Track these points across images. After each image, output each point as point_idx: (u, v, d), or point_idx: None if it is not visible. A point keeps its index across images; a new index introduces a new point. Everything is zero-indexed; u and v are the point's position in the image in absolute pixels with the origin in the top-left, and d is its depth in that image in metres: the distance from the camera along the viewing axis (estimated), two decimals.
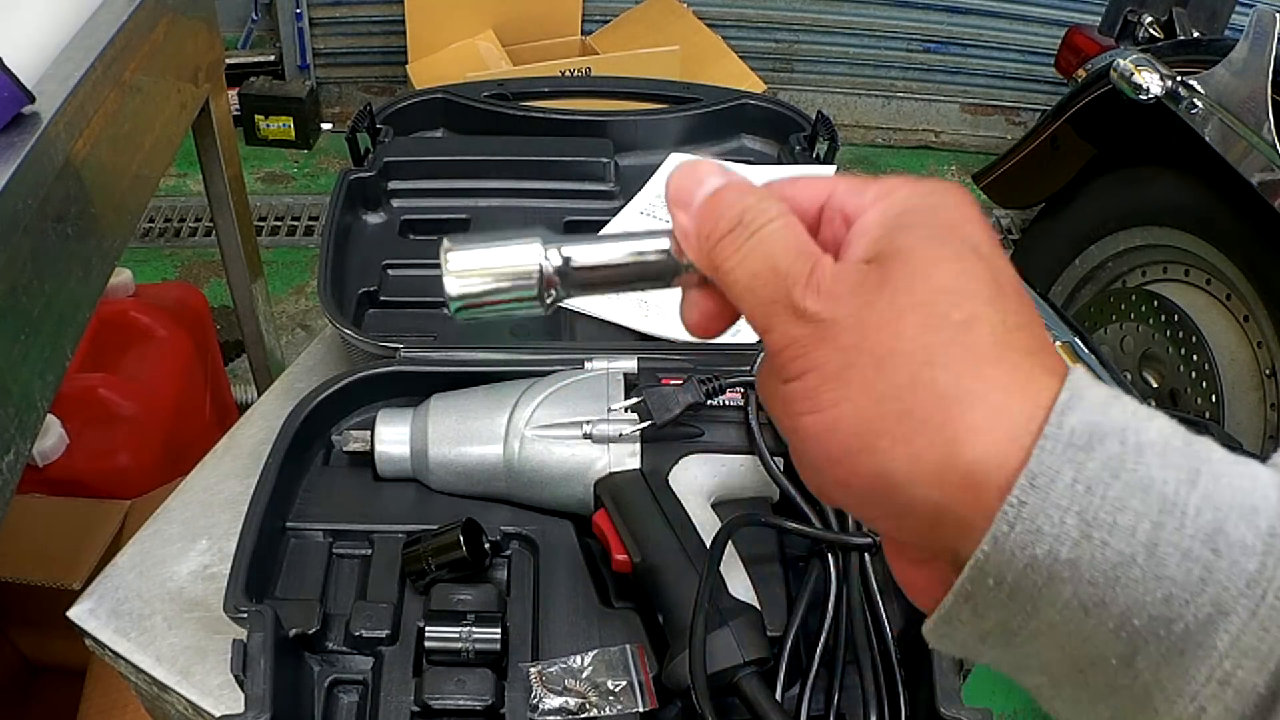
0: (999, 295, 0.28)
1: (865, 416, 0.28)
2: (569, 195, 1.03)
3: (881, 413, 0.27)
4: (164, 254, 2.50)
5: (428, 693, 0.60)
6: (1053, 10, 2.84)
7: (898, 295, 0.28)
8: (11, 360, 0.75)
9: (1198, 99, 1.38)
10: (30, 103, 0.77)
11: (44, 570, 1.18)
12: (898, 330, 0.28)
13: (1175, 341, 1.47)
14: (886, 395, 0.27)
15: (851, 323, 0.28)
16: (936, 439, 0.27)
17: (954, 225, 0.30)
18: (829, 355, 0.28)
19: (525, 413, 0.71)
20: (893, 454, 0.27)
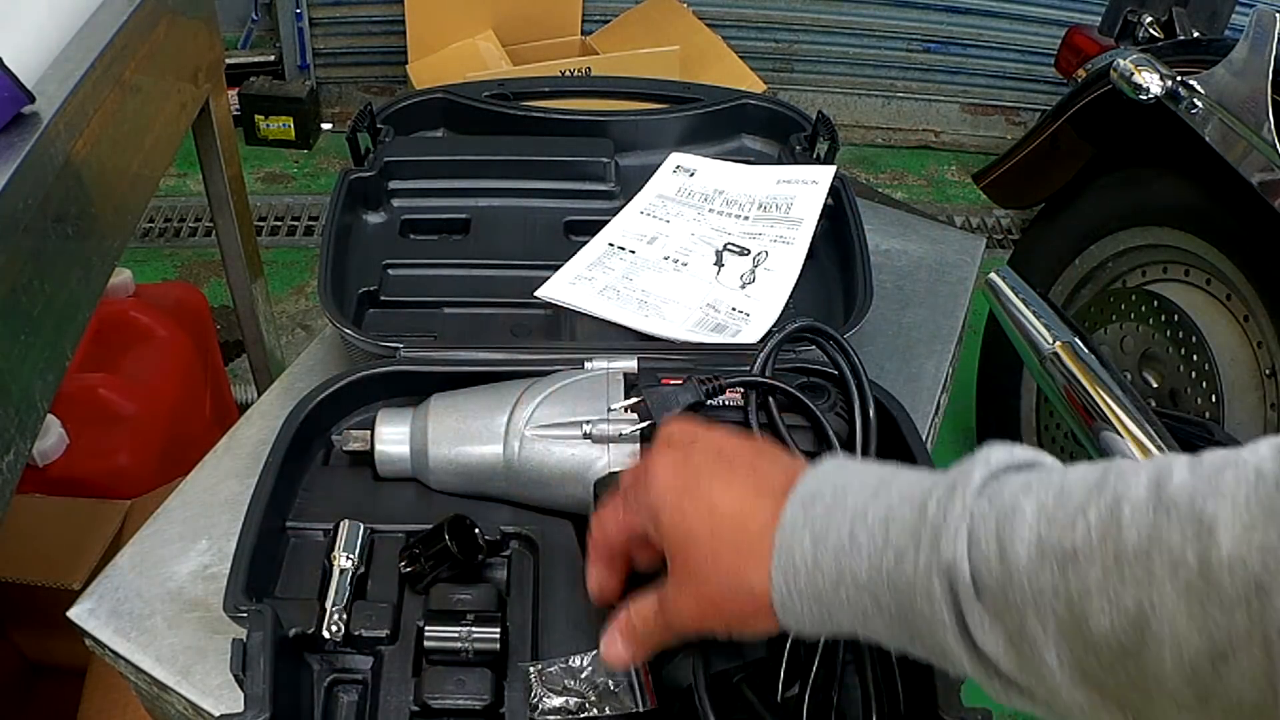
0: (715, 521, 0.49)
1: (710, 606, 0.50)
2: (569, 195, 1.03)
3: (711, 603, 0.49)
4: (164, 254, 2.50)
5: (427, 692, 0.60)
6: (1053, 10, 2.84)
7: (687, 578, 0.50)
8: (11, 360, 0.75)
9: (1198, 99, 1.38)
10: (30, 103, 0.77)
11: (44, 570, 1.18)
12: (689, 578, 0.50)
13: (1175, 341, 1.47)
14: (709, 600, 0.49)
15: (679, 589, 0.51)
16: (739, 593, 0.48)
17: (678, 497, 0.51)
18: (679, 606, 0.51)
19: (525, 412, 0.71)
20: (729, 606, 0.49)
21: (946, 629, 0.41)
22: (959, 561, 0.41)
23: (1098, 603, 0.37)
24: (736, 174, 1.04)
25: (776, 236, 0.95)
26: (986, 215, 2.85)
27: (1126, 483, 0.39)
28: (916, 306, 1.04)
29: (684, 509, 0.50)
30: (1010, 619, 0.40)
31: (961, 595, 0.41)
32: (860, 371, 0.72)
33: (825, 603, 0.45)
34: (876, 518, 0.44)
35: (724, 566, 0.47)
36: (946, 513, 0.42)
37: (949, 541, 0.41)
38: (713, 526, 0.48)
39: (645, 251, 0.96)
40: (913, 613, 0.42)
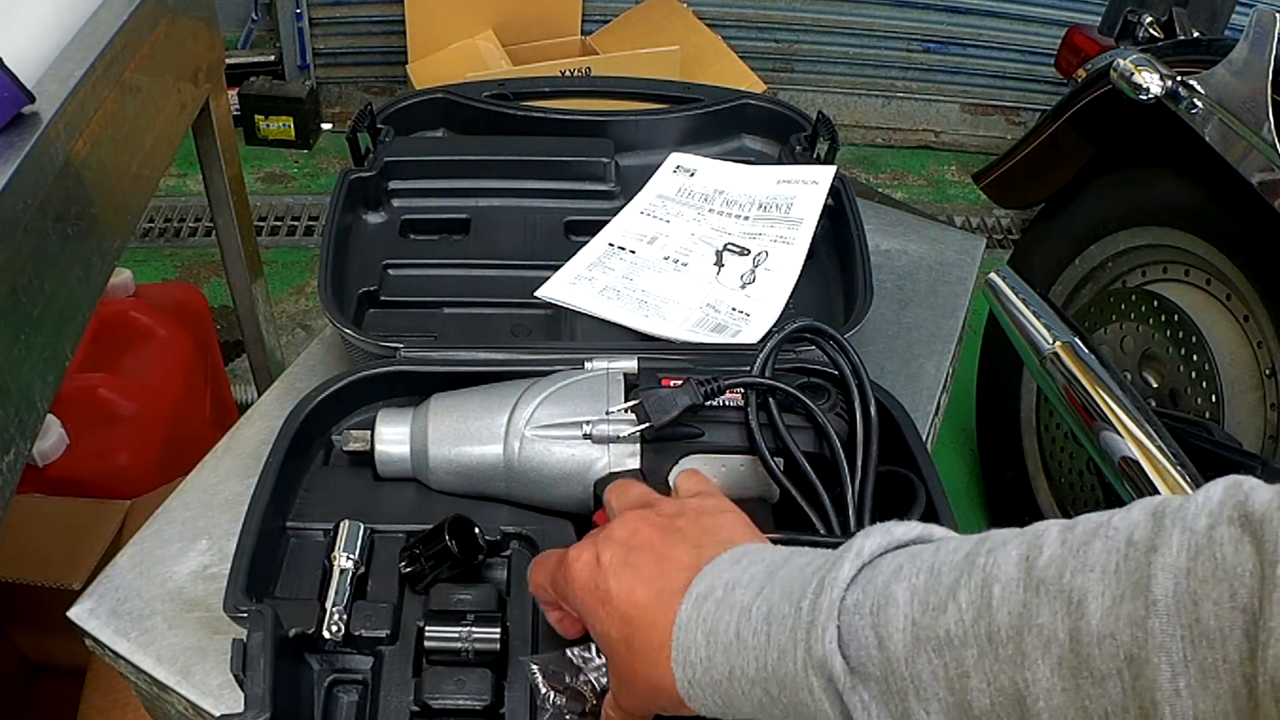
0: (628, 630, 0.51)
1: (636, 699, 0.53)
2: (569, 195, 1.03)
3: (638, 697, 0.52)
4: (164, 254, 2.50)
5: (427, 692, 0.60)
6: (1053, 10, 2.84)
7: (614, 675, 0.54)
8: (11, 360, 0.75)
9: (1198, 99, 1.38)
10: (30, 103, 0.77)
11: (44, 570, 1.18)
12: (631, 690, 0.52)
13: (1175, 341, 1.47)
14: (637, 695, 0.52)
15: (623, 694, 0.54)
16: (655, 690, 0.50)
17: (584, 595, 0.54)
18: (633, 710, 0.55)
19: (525, 413, 0.71)
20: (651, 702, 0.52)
21: (835, 718, 0.42)
22: (830, 657, 0.42)
23: (976, 683, 0.38)
24: (736, 174, 1.04)
25: (776, 236, 0.95)
26: (986, 215, 2.85)
27: (996, 560, 0.39)
28: (916, 306, 1.04)
29: (600, 616, 0.52)
30: (895, 704, 0.41)
31: (841, 686, 0.42)
32: (860, 371, 0.72)
33: (725, 694, 0.47)
34: (760, 614, 0.45)
35: (640, 673, 0.50)
36: (815, 610, 0.43)
37: (817, 640, 0.42)
38: (625, 635, 0.51)
39: (645, 251, 0.96)
40: (799, 706, 0.44)
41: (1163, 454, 1.17)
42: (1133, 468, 1.18)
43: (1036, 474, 1.80)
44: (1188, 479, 1.14)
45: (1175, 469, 1.15)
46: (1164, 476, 1.15)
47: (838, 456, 0.69)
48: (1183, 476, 1.14)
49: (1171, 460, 1.16)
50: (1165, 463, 1.16)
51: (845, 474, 0.68)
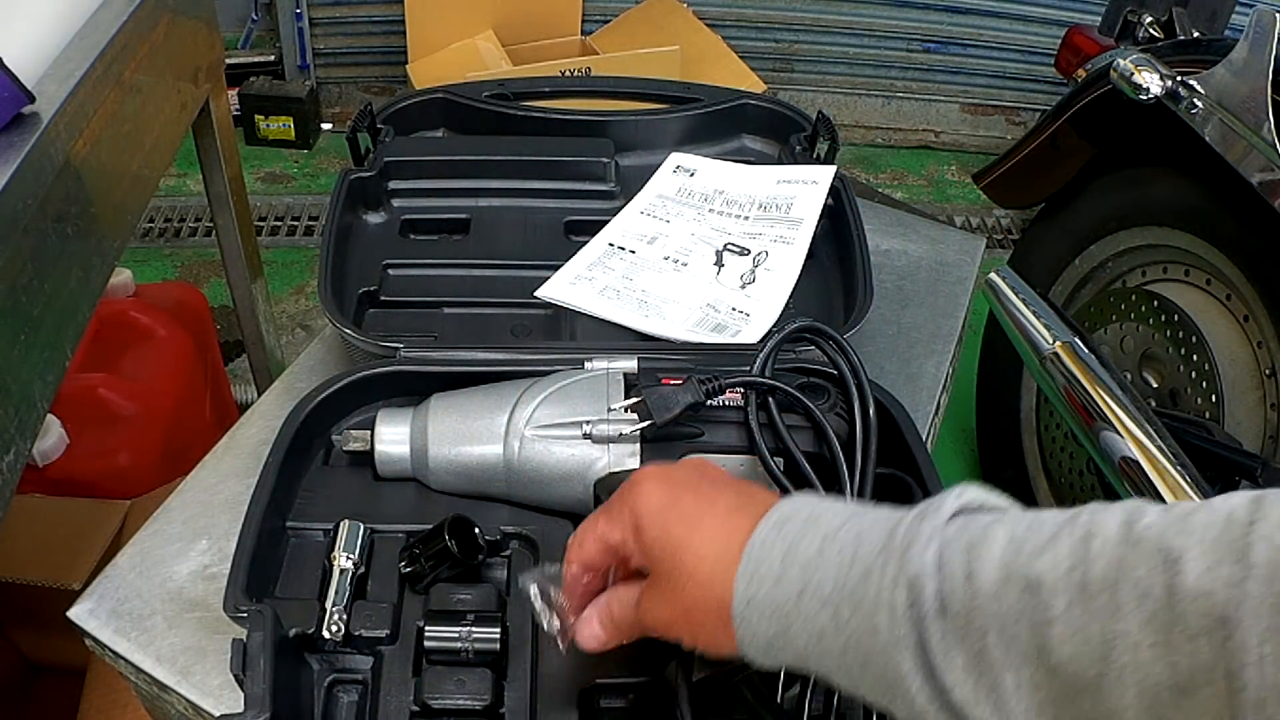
0: (693, 536, 0.50)
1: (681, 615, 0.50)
2: (569, 195, 1.02)
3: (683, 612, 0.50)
4: (164, 254, 2.50)
5: (427, 692, 0.60)
6: (1053, 10, 2.84)
7: (665, 586, 0.51)
8: (11, 360, 0.75)
9: (1198, 99, 1.38)
10: (30, 103, 0.77)
11: (44, 570, 1.18)
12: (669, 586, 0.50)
13: (1175, 341, 1.47)
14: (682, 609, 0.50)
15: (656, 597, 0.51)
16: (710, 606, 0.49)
17: (661, 504, 0.52)
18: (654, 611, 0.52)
19: (525, 413, 0.71)
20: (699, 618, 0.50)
21: (904, 648, 0.41)
22: (924, 576, 0.41)
23: (1060, 630, 0.37)
24: (736, 174, 1.04)
25: (776, 236, 0.95)
26: (986, 215, 2.85)
27: (1098, 520, 0.39)
28: (916, 306, 1.04)
29: (668, 521, 0.51)
30: (972, 641, 0.40)
31: (924, 611, 0.41)
32: (860, 371, 0.72)
33: (784, 617, 0.45)
34: (847, 537, 0.45)
35: (700, 579, 0.49)
36: (917, 533, 0.43)
37: (916, 556, 0.42)
38: (694, 540, 0.49)
39: (645, 251, 0.96)
40: (871, 632, 0.42)
41: (1163, 454, 1.17)
42: (1133, 468, 1.18)
43: (1036, 474, 1.80)
44: (1188, 479, 1.14)
45: (1175, 469, 1.15)
46: (1164, 476, 1.15)
47: (837, 457, 0.69)
48: (1183, 476, 1.14)
49: (1171, 460, 1.16)
50: (1165, 463, 1.16)
51: (844, 474, 0.68)
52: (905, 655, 0.41)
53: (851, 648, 0.43)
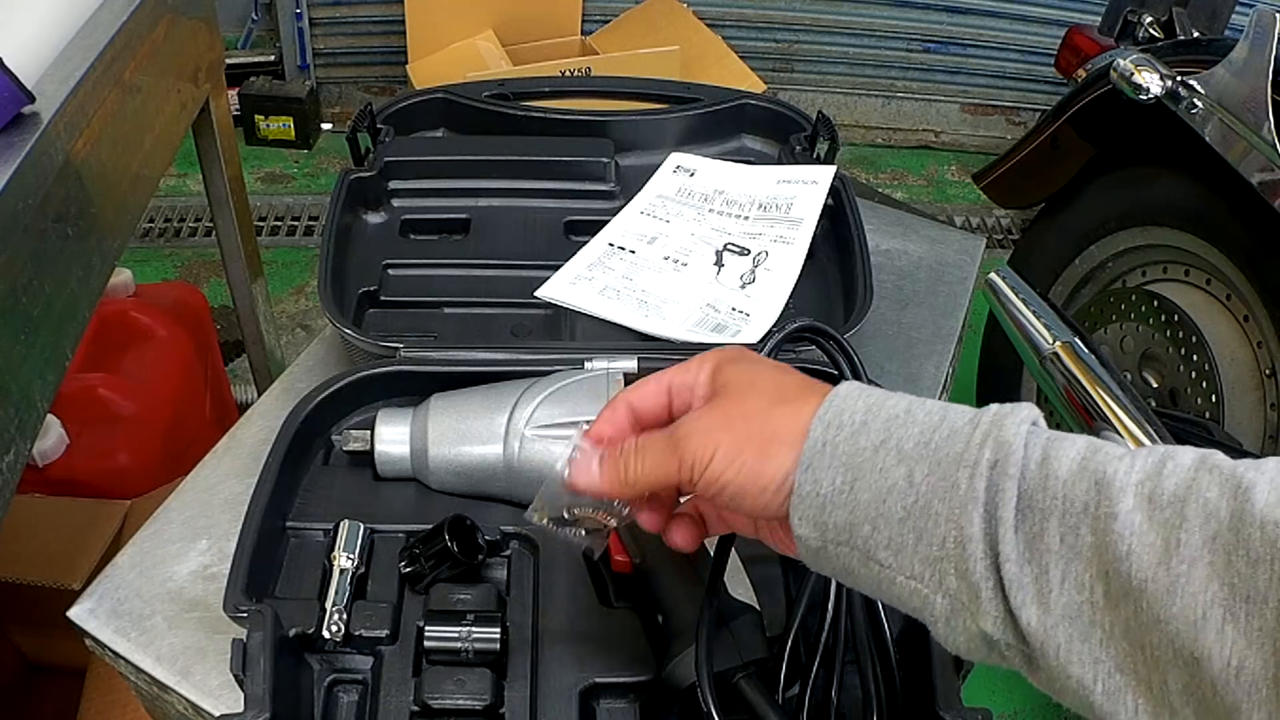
0: (777, 383, 0.49)
1: (735, 441, 0.47)
2: (569, 195, 1.03)
3: (739, 439, 0.47)
4: (164, 254, 2.50)
5: (427, 692, 0.60)
6: (1053, 10, 2.84)
7: (727, 400, 0.49)
8: (11, 360, 0.75)
9: (1198, 99, 1.38)
10: (30, 103, 0.77)
11: (44, 570, 1.18)
12: (738, 411, 0.48)
13: (1175, 341, 1.47)
14: (738, 436, 0.47)
15: (715, 417, 0.49)
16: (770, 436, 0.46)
17: (742, 359, 0.51)
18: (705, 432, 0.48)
19: (525, 412, 0.71)
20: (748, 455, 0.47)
21: (977, 506, 0.40)
22: (1016, 443, 0.41)
23: (1122, 528, 0.38)
24: (736, 174, 1.04)
25: (776, 236, 0.95)
26: (986, 215, 2.85)
27: (1175, 450, 0.40)
28: (916, 306, 1.04)
29: (752, 365, 0.50)
30: (1032, 522, 0.40)
31: (1006, 473, 0.40)
32: (860, 372, 0.72)
33: (855, 469, 0.43)
34: (935, 406, 0.45)
35: (772, 397, 0.47)
36: (1010, 412, 0.43)
37: (1011, 427, 0.42)
38: (778, 379, 0.49)
39: (645, 251, 0.96)
40: (945, 492, 0.41)
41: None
42: None
43: None
44: None
45: None
46: None
47: None
48: None
49: None
50: None
51: None
52: (976, 515, 0.41)
53: (915, 513, 0.42)
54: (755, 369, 0.50)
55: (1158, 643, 0.36)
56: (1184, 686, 0.36)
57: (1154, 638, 0.37)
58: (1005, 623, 0.40)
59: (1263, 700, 0.34)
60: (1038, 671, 0.41)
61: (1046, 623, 0.39)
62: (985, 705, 0.58)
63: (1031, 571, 0.39)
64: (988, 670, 0.41)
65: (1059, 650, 0.39)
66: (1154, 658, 0.37)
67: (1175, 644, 0.36)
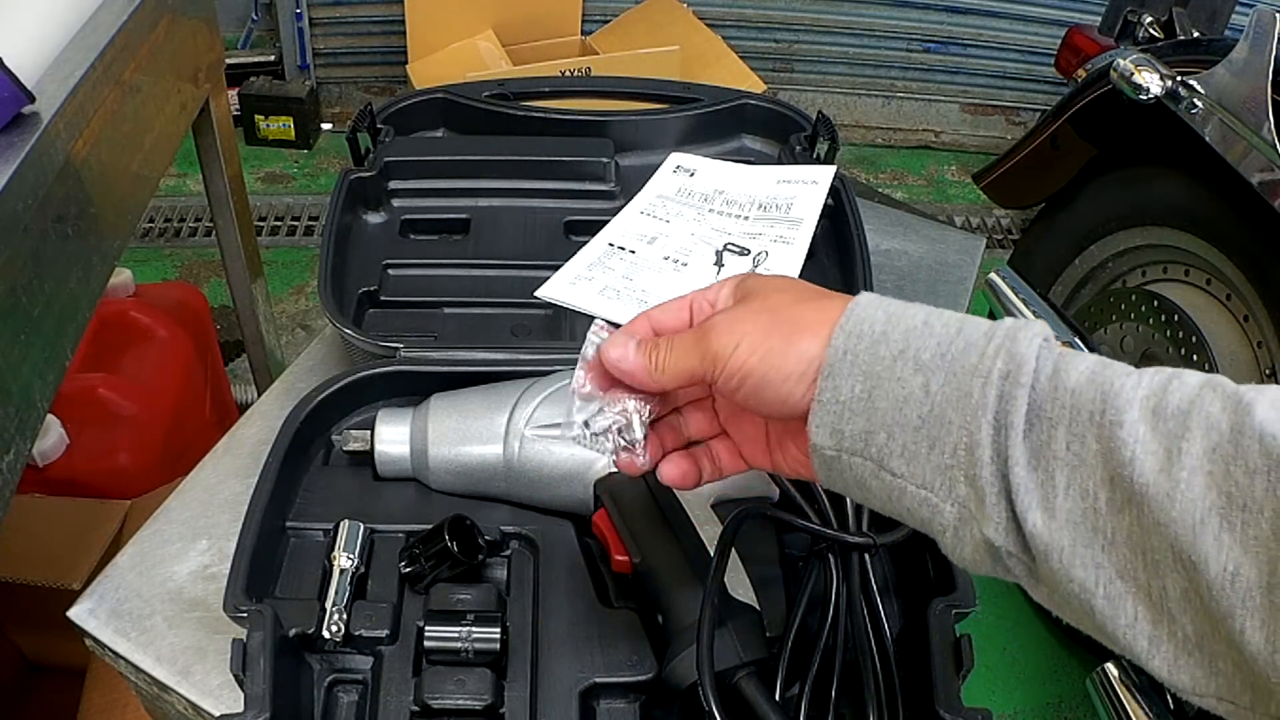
0: (799, 287, 0.50)
1: (761, 330, 0.47)
2: (569, 195, 1.03)
3: (764, 328, 0.48)
4: (164, 254, 2.50)
5: (427, 692, 0.60)
6: (1053, 10, 2.84)
7: (754, 299, 0.50)
8: (11, 360, 0.75)
9: (1198, 99, 1.38)
10: (30, 103, 0.77)
11: (44, 570, 1.18)
12: (762, 306, 0.49)
13: (1175, 341, 1.47)
14: (764, 325, 0.48)
15: (740, 311, 0.49)
16: (794, 325, 0.47)
17: (769, 277, 0.52)
18: (731, 323, 0.49)
19: (525, 413, 0.71)
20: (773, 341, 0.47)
21: (986, 413, 0.41)
22: (1028, 355, 0.42)
23: (1126, 434, 0.39)
24: (736, 174, 1.04)
25: (776, 236, 0.95)
26: (986, 215, 2.85)
27: (1182, 370, 0.41)
28: None
29: (774, 278, 0.51)
30: (1041, 430, 0.41)
31: (1018, 382, 0.41)
32: None
33: (874, 377, 0.44)
34: (952, 317, 0.46)
35: (798, 299, 0.48)
36: (1025, 325, 0.44)
37: (1024, 340, 0.42)
38: (802, 285, 0.50)
39: (645, 251, 0.96)
40: (959, 400, 0.42)
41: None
42: None
43: None
44: None
45: None
46: None
47: None
48: None
49: None
50: None
51: None
52: (985, 422, 0.41)
53: (929, 421, 0.43)
54: (780, 279, 0.51)
55: (1157, 546, 0.37)
56: (1182, 592, 0.37)
57: (1154, 541, 0.37)
58: (1009, 529, 0.41)
59: (1256, 608, 0.35)
60: (1039, 583, 0.42)
61: (1051, 527, 0.40)
62: (985, 705, 0.58)
63: (1037, 477, 0.40)
64: (988, 670, 0.41)
65: (1062, 554, 0.40)
66: (1154, 562, 0.38)
67: (1175, 548, 0.37)
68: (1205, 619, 0.36)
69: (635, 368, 0.51)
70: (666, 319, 0.53)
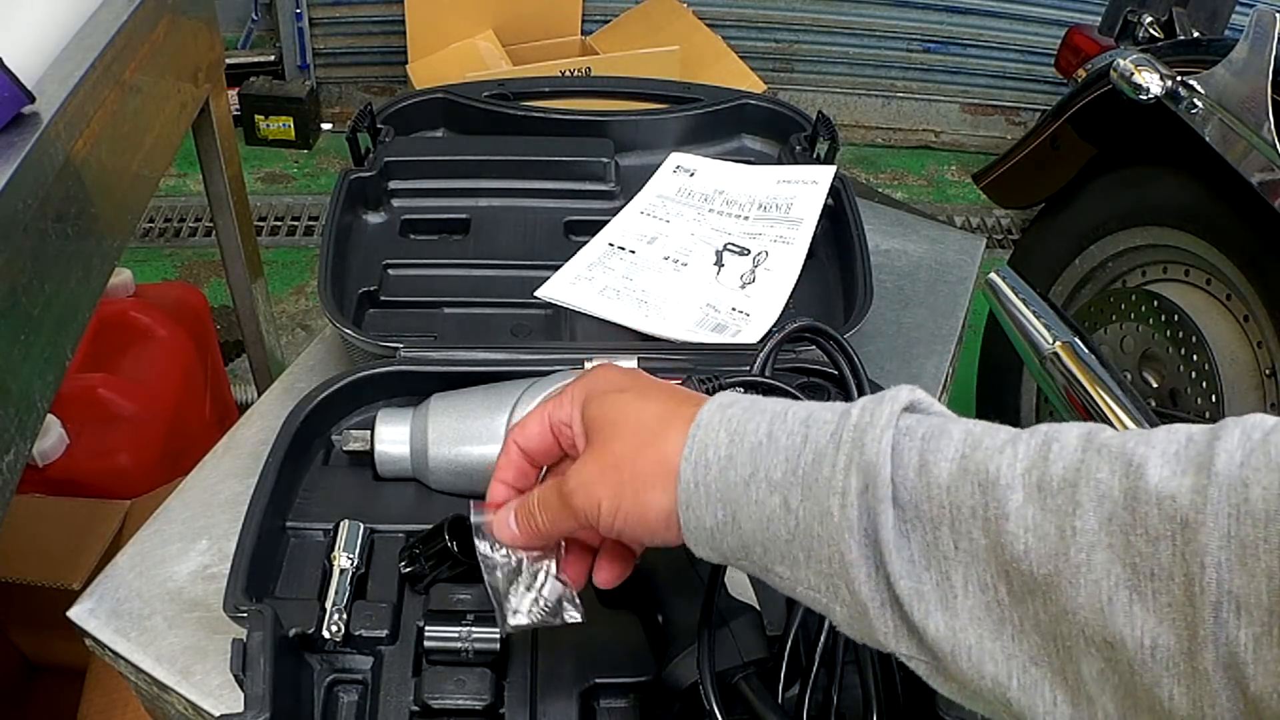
0: (640, 420, 0.49)
1: (611, 492, 0.48)
2: (569, 195, 1.03)
3: (614, 490, 0.48)
4: (164, 254, 2.50)
5: (427, 692, 0.60)
6: (1053, 10, 2.84)
7: (599, 447, 0.49)
8: (11, 360, 0.75)
9: (1198, 99, 1.38)
10: (30, 103, 0.77)
11: (44, 570, 1.18)
12: (607, 460, 0.49)
13: (1175, 341, 1.47)
14: (613, 487, 0.48)
15: (590, 469, 0.50)
16: (649, 463, 0.47)
17: (607, 390, 0.51)
18: (585, 486, 0.49)
19: (525, 413, 0.71)
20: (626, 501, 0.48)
21: (854, 535, 0.40)
22: (879, 463, 0.40)
23: (1014, 526, 0.37)
24: (736, 174, 1.04)
25: (776, 236, 0.95)
26: (986, 215, 2.85)
27: (1057, 430, 0.39)
28: (916, 306, 1.04)
29: (618, 394, 0.51)
30: (923, 532, 0.40)
31: (878, 496, 0.40)
32: (860, 371, 0.72)
33: (732, 503, 0.44)
34: (796, 421, 0.44)
35: (642, 432, 0.48)
36: (872, 419, 0.42)
37: (872, 442, 0.41)
38: (640, 414, 0.49)
39: (645, 251, 0.96)
40: (822, 517, 0.41)
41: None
42: None
43: None
44: None
45: None
46: None
47: None
48: None
49: None
50: None
51: None
52: (854, 542, 0.40)
53: (799, 535, 0.42)
54: (618, 404, 0.50)
55: (1068, 632, 0.36)
56: (1099, 672, 0.36)
57: (1063, 628, 0.36)
58: (900, 634, 0.41)
59: (1181, 674, 0.34)
60: (948, 678, 0.41)
61: (955, 626, 0.39)
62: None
63: (932, 578, 0.39)
64: None
65: (970, 651, 0.39)
66: (1067, 648, 0.37)
67: (1086, 632, 0.36)
68: (1126, 695, 0.35)
69: (526, 539, 0.54)
70: (533, 445, 0.54)
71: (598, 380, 0.52)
